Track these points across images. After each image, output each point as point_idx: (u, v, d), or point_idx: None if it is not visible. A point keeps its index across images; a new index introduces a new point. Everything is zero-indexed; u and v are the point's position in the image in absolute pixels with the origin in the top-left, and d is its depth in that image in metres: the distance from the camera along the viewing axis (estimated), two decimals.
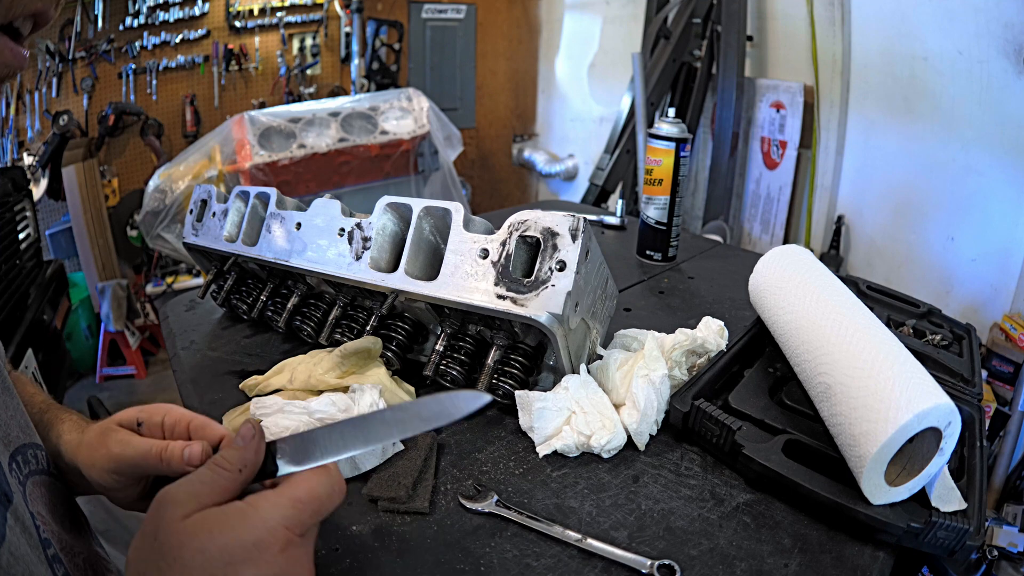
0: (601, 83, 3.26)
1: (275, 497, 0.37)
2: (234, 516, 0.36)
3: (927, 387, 0.48)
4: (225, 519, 0.36)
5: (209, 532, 0.35)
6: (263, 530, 0.36)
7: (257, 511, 0.36)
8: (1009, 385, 1.63)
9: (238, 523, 0.36)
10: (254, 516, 0.36)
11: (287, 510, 0.37)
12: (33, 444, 0.50)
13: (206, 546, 0.35)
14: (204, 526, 0.36)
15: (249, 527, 0.36)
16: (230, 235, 0.84)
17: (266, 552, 0.36)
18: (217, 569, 0.34)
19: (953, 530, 0.47)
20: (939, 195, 1.95)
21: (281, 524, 0.36)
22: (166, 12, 2.65)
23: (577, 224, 0.57)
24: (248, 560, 0.35)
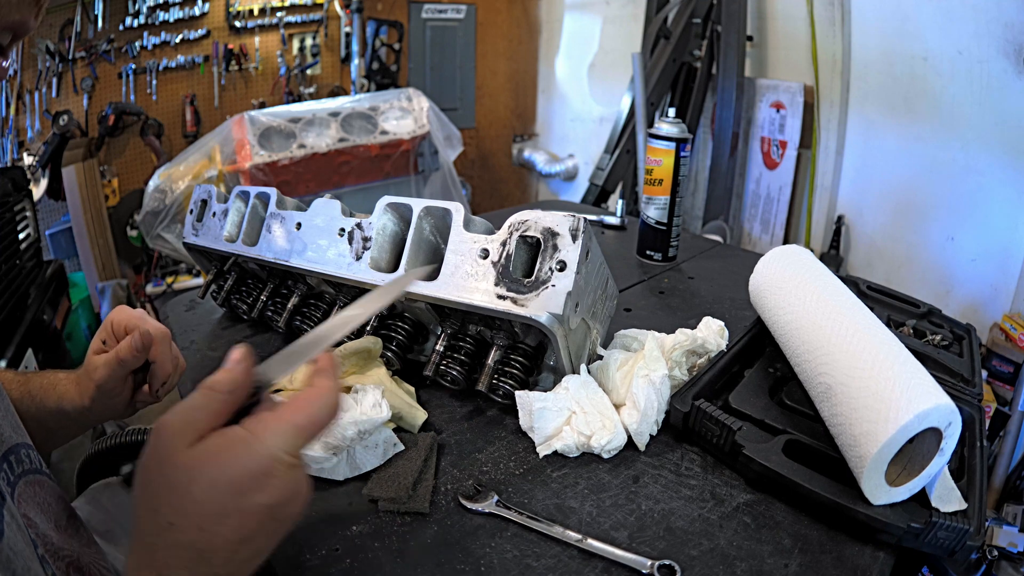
0: (601, 83, 3.26)
1: (275, 423, 0.37)
2: (239, 446, 0.36)
3: (927, 387, 0.48)
4: (230, 449, 0.36)
5: (217, 464, 0.35)
6: (268, 458, 0.36)
7: (260, 440, 0.36)
8: (1009, 385, 1.63)
9: (243, 453, 0.36)
10: (258, 445, 0.36)
11: (289, 437, 0.37)
12: (24, 444, 0.50)
13: (216, 478, 0.35)
14: (210, 458, 0.35)
15: (255, 457, 0.36)
16: (230, 235, 0.84)
17: (273, 479, 0.36)
18: (228, 500, 0.35)
19: (953, 530, 0.47)
20: (939, 195, 1.95)
21: (284, 451, 0.36)
22: (166, 12, 2.65)
23: (577, 224, 0.57)
24: (256, 488, 0.35)
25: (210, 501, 0.34)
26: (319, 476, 0.57)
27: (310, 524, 0.52)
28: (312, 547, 0.50)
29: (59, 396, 0.62)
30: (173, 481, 0.35)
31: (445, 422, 0.65)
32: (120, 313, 0.63)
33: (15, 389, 0.63)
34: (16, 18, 0.41)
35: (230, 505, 0.35)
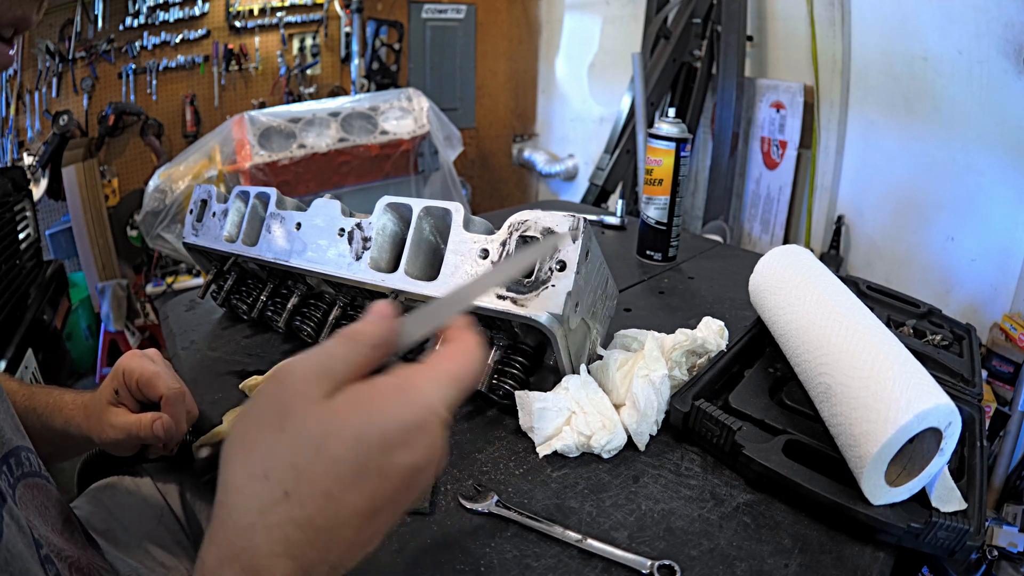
0: (601, 83, 3.26)
1: (432, 373, 0.32)
2: (393, 395, 0.30)
3: (927, 387, 0.48)
4: (384, 399, 0.30)
5: (367, 415, 0.29)
6: (427, 411, 0.30)
7: (418, 390, 0.31)
8: (1009, 385, 1.63)
9: (400, 403, 0.30)
10: (416, 395, 0.31)
11: (448, 389, 0.32)
12: (25, 447, 0.50)
13: (363, 430, 0.29)
14: (358, 407, 0.29)
15: (412, 407, 0.30)
16: (230, 235, 0.84)
17: (425, 435, 0.30)
18: (371, 457, 0.29)
19: (953, 530, 0.47)
20: (939, 195, 1.95)
21: (442, 404, 0.31)
22: (166, 12, 2.65)
23: (578, 224, 0.57)
24: (406, 444, 0.30)
25: (351, 459, 0.28)
26: None
27: None
28: None
29: (65, 420, 0.62)
30: (304, 435, 0.28)
31: None
32: (132, 362, 0.61)
33: (19, 402, 0.63)
34: (18, 13, 0.41)
35: (372, 463, 0.29)
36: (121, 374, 0.60)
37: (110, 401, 0.61)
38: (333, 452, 0.28)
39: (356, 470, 0.28)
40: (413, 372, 0.32)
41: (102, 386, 0.62)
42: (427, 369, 0.32)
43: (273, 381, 0.31)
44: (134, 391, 0.60)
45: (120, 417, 0.59)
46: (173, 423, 0.59)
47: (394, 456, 0.29)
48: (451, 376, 0.32)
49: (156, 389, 0.59)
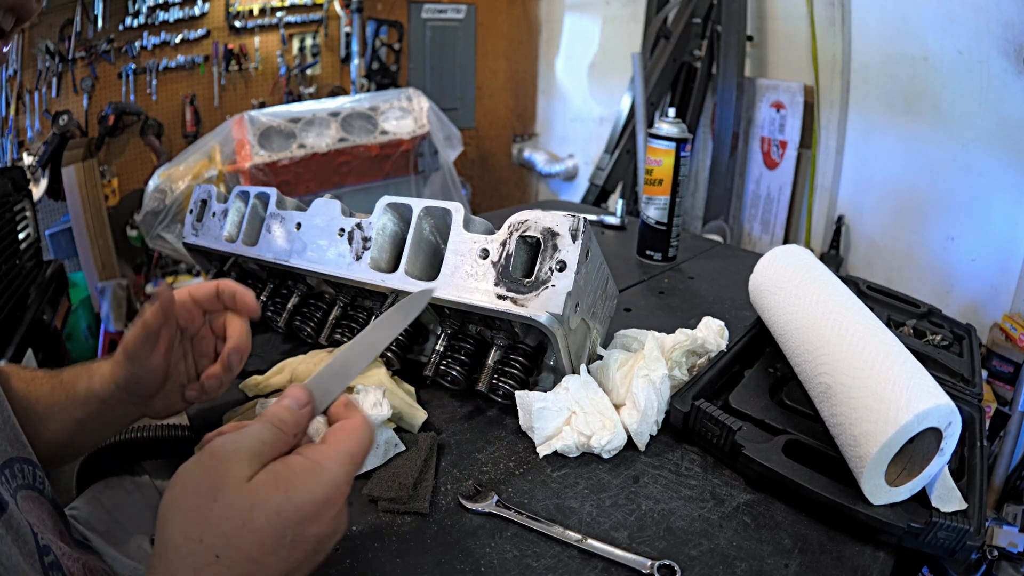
0: (601, 83, 3.26)
1: (334, 453, 0.38)
2: (306, 475, 0.36)
3: (927, 387, 0.48)
4: (298, 479, 0.36)
5: (285, 493, 0.35)
6: (334, 488, 0.36)
7: (326, 470, 0.37)
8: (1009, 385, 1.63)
9: (311, 482, 0.36)
10: (324, 474, 0.36)
11: (348, 466, 0.38)
12: (21, 458, 0.50)
13: (282, 508, 0.34)
14: (278, 487, 0.35)
15: (322, 485, 0.36)
16: (230, 235, 0.84)
17: (331, 509, 0.36)
18: (288, 529, 0.34)
19: (953, 530, 0.47)
20: (939, 195, 1.95)
21: (344, 480, 0.37)
22: (166, 12, 2.65)
23: (577, 224, 0.57)
24: (316, 518, 0.36)
25: (271, 530, 0.34)
26: None
27: None
28: None
29: (90, 376, 0.57)
30: (233, 509, 0.34)
31: (445, 422, 0.65)
32: (185, 288, 0.57)
33: (45, 383, 0.58)
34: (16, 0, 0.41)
35: (289, 533, 0.34)
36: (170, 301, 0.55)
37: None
38: (257, 524, 0.34)
39: (276, 539, 0.34)
40: (321, 454, 0.38)
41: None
42: (331, 450, 0.38)
43: (209, 457, 0.35)
44: (186, 306, 0.56)
45: (160, 351, 0.54)
46: (165, 303, 0.53)
47: (307, 528, 0.35)
48: (351, 455, 0.38)
49: (211, 289, 0.56)
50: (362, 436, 0.40)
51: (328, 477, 0.36)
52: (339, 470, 0.37)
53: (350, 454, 0.38)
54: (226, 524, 0.33)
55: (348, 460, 0.38)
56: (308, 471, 0.36)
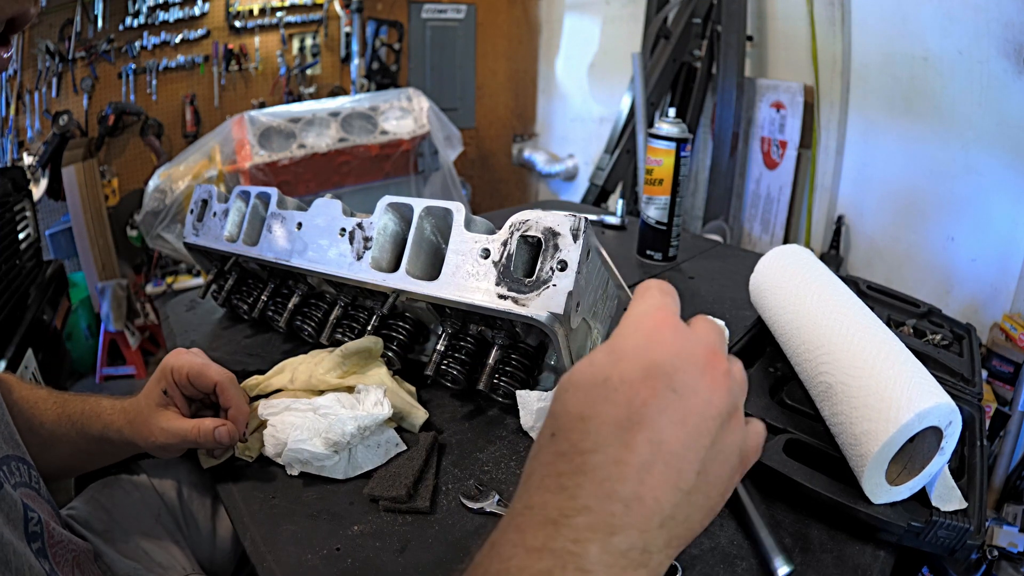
0: (601, 83, 3.26)
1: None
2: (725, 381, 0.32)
3: (928, 386, 0.49)
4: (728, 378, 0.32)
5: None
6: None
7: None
8: (1009, 385, 1.63)
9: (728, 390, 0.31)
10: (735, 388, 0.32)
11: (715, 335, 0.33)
12: (16, 456, 0.50)
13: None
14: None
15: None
16: (231, 235, 0.84)
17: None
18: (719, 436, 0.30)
19: (954, 529, 0.47)
20: (939, 195, 1.95)
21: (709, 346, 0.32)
22: (166, 12, 2.65)
23: (579, 224, 0.57)
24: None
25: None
26: (320, 475, 0.57)
27: (311, 523, 0.52)
28: (313, 547, 0.50)
29: (104, 425, 0.60)
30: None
31: (446, 422, 0.65)
32: (178, 358, 0.59)
33: (50, 410, 0.61)
34: (15, 9, 0.40)
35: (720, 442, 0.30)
36: (169, 372, 0.58)
37: (158, 404, 0.59)
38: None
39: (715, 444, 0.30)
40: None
41: (146, 389, 0.60)
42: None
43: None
44: (184, 386, 0.59)
45: (173, 422, 0.57)
46: (235, 427, 0.57)
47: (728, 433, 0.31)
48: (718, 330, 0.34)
49: (208, 378, 0.58)
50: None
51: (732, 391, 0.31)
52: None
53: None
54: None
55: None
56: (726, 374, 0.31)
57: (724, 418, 0.30)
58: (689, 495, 0.28)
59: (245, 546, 0.51)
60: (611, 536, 0.26)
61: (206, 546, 0.69)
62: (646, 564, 0.27)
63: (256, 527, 0.52)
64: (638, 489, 0.27)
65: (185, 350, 0.61)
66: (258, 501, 0.55)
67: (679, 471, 0.28)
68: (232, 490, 0.57)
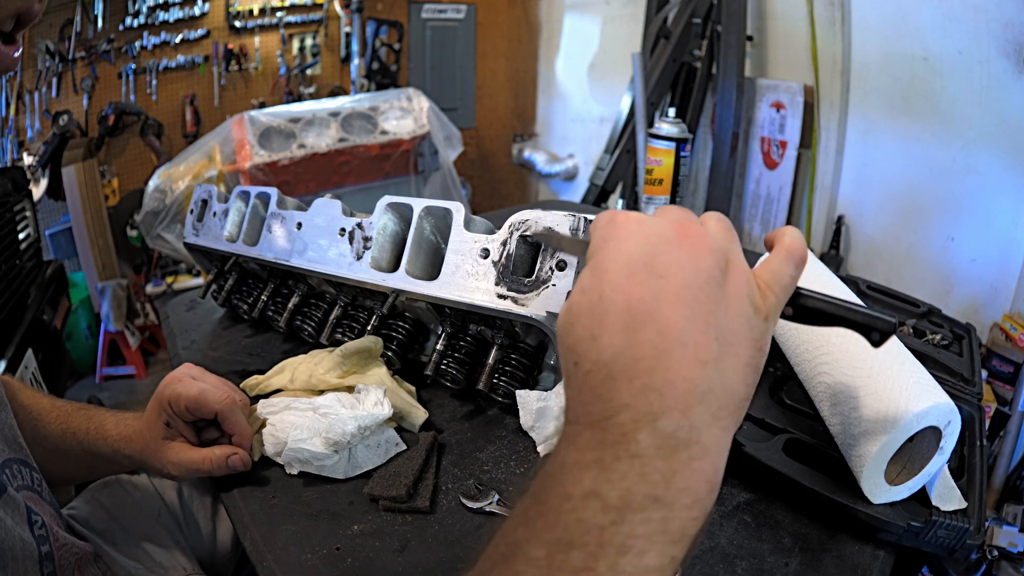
0: (601, 83, 3.26)
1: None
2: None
3: (927, 386, 0.49)
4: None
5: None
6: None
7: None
8: (1009, 385, 1.63)
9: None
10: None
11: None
12: (18, 460, 0.50)
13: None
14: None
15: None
16: (231, 235, 0.84)
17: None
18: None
19: (953, 529, 0.47)
20: (939, 195, 1.95)
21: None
22: (166, 12, 2.65)
23: (578, 224, 0.57)
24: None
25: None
26: (320, 474, 0.57)
27: (311, 523, 0.52)
28: (313, 546, 0.50)
29: (112, 450, 0.60)
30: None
31: (446, 421, 0.65)
32: (174, 388, 0.57)
33: (53, 423, 0.61)
34: (21, 5, 0.40)
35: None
36: (167, 404, 0.57)
37: (164, 436, 0.58)
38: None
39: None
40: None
41: (149, 420, 0.59)
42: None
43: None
44: (185, 415, 0.57)
45: (183, 454, 0.57)
46: (247, 454, 0.57)
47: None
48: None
49: (208, 407, 0.57)
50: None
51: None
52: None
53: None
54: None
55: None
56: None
57: (717, 276, 0.30)
58: (717, 362, 0.29)
59: (245, 546, 0.51)
60: (655, 422, 0.27)
61: (206, 546, 0.69)
62: (698, 441, 0.28)
63: (256, 527, 0.52)
64: (666, 375, 0.28)
65: (179, 373, 0.59)
66: (258, 501, 0.55)
67: (696, 345, 0.28)
68: (232, 490, 0.57)
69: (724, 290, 0.30)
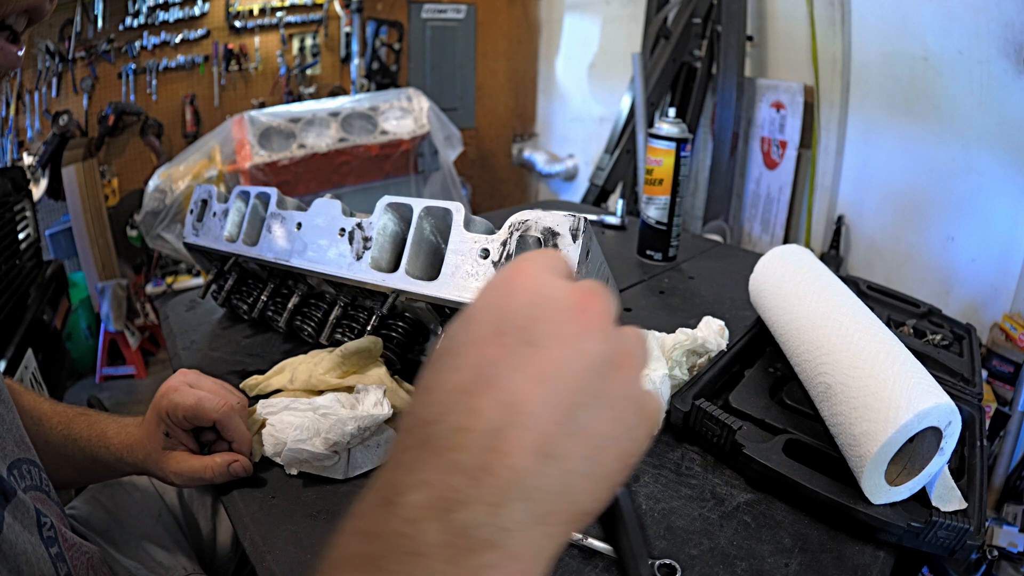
0: (601, 83, 3.26)
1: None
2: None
3: (927, 387, 0.49)
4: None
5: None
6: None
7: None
8: (1009, 385, 1.63)
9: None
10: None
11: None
12: (27, 460, 0.50)
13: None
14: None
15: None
16: (231, 235, 0.84)
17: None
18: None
19: (953, 529, 0.47)
20: (939, 195, 1.95)
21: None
22: (166, 12, 2.65)
23: (578, 224, 0.57)
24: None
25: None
26: (319, 475, 0.57)
27: (310, 523, 0.52)
28: (312, 547, 0.50)
29: (115, 458, 0.60)
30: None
31: None
32: (170, 399, 0.57)
33: (55, 429, 0.61)
34: (31, 2, 0.40)
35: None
36: (166, 415, 0.57)
37: (164, 447, 0.58)
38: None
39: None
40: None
41: (148, 430, 0.59)
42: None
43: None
44: (183, 424, 0.57)
45: (184, 463, 0.57)
46: (248, 460, 0.57)
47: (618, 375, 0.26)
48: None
49: (206, 415, 0.56)
50: None
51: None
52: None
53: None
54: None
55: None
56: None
57: (603, 366, 0.24)
58: (563, 462, 0.23)
59: (245, 546, 0.51)
60: (450, 513, 0.22)
61: (206, 546, 0.69)
62: (503, 544, 0.22)
63: (256, 527, 0.52)
64: (486, 458, 0.22)
65: (175, 382, 0.59)
66: (258, 501, 0.55)
67: (542, 433, 0.23)
68: (232, 491, 0.57)
69: (605, 384, 0.24)
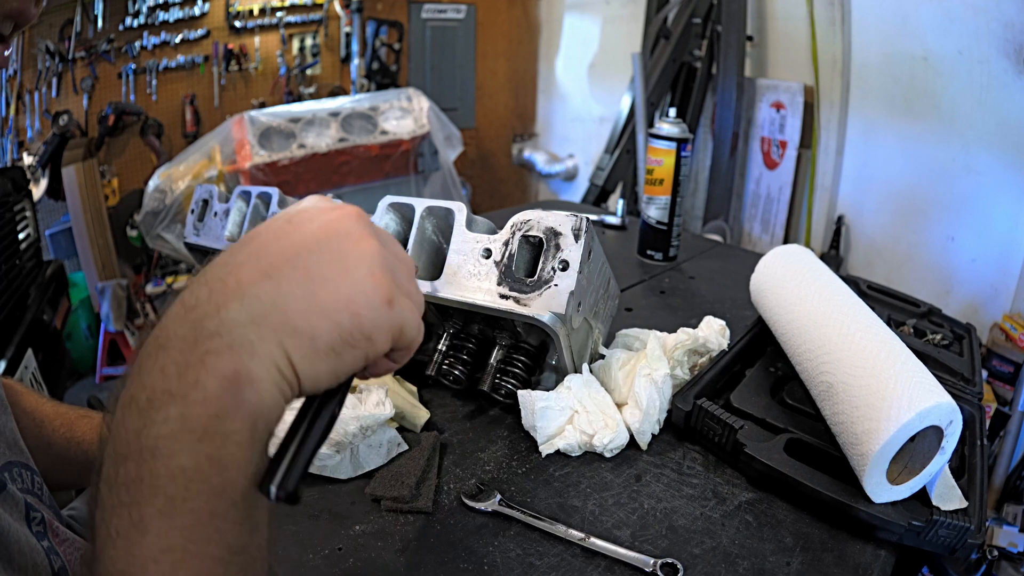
0: (601, 83, 3.26)
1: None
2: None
3: (929, 386, 0.49)
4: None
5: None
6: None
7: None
8: (1009, 385, 1.64)
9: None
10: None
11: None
12: (19, 463, 0.50)
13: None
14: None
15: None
16: (232, 235, 0.84)
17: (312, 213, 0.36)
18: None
19: (954, 528, 0.47)
20: (939, 195, 1.95)
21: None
22: (166, 12, 2.65)
23: (580, 224, 0.57)
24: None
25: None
26: (321, 474, 0.57)
27: (312, 523, 0.52)
28: (314, 546, 0.50)
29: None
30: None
31: (447, 421, 0.65)
32: None
33: (57, 431, 0.61)
34: (15, 6, 0.40)
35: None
36: None
37: None
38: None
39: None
40: None
41: None
42: None
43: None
44: None
45: None
46: None
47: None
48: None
49: None
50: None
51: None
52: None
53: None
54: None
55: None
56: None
57: (340, 233, 0.32)
58: (278, 282, 0.30)
59: None
60: (191, 311, 0.29)
61: None
62: (222, 334, 0.28)
63: None
64: (223, 274, 0.30)
65: None
66: None
67: (270, 264, 0.30)
68: None
69: (340, 245, 0.32)
